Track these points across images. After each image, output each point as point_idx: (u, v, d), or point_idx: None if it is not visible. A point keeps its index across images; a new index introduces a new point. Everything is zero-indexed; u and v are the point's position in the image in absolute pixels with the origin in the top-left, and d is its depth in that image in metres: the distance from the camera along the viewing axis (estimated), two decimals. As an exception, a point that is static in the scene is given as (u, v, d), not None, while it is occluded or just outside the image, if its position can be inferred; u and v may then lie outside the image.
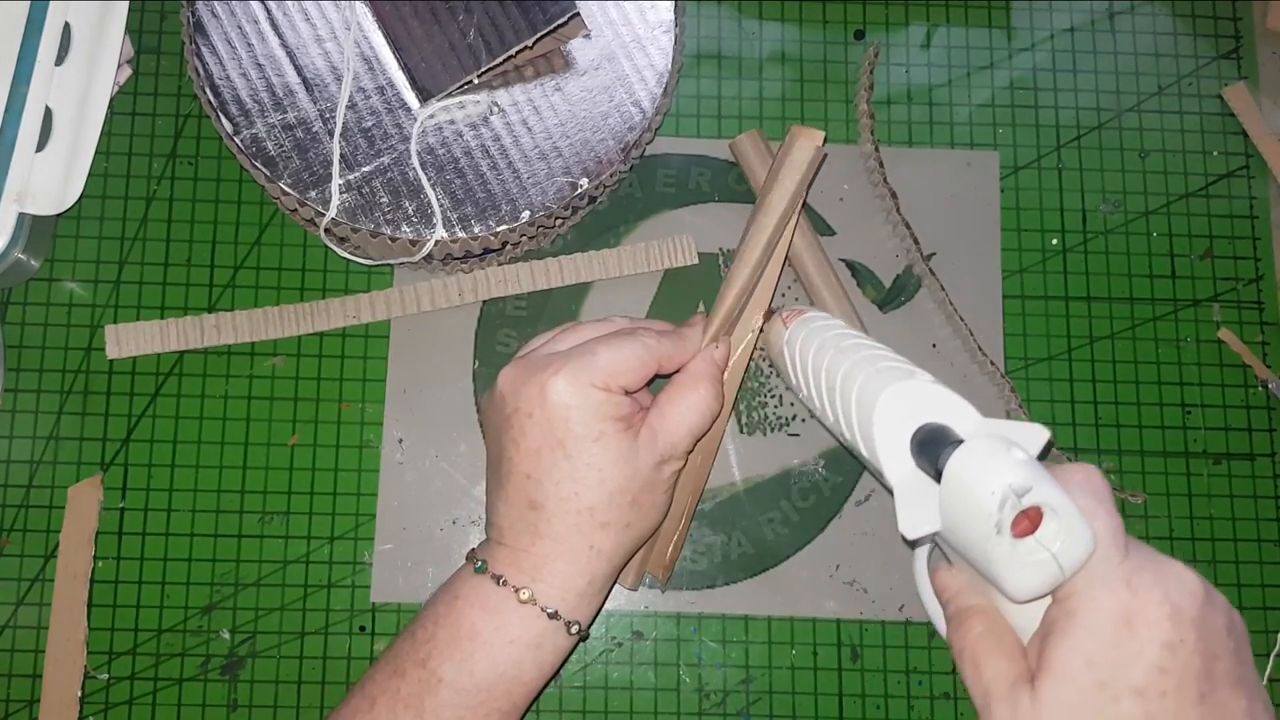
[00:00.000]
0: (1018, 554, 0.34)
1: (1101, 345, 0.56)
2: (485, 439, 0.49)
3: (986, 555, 0.34)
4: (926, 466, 0.37)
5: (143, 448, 0.53)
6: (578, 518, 0.43)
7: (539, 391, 0.43)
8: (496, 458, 0.45)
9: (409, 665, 0.42)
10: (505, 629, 0.42)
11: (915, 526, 0.36)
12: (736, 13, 0.59)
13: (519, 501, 0.43)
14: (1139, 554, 0.35)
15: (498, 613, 0.42)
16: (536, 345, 0.47)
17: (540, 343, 0.47)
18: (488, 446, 0.47)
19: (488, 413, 0.46)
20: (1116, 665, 0.33)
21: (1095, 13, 0.60)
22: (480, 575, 0.43)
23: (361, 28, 0.51)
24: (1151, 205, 0.58)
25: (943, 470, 0.36)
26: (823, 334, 0.44)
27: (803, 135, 0.48)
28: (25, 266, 0.54)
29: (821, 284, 0.54)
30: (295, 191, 0.49)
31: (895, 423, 0.38)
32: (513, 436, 0.43)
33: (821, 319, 0.46)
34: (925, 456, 0.37)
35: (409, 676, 0.42)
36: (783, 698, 0.52)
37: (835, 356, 0.42)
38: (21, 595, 0.52)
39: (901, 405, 0.38)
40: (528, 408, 0.43)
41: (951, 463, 0.35)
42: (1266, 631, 0.54)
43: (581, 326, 0.47)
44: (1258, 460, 0.56)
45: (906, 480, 0.38)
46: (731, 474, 0.54)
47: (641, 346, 0.44)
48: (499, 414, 0.44)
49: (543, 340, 0.47)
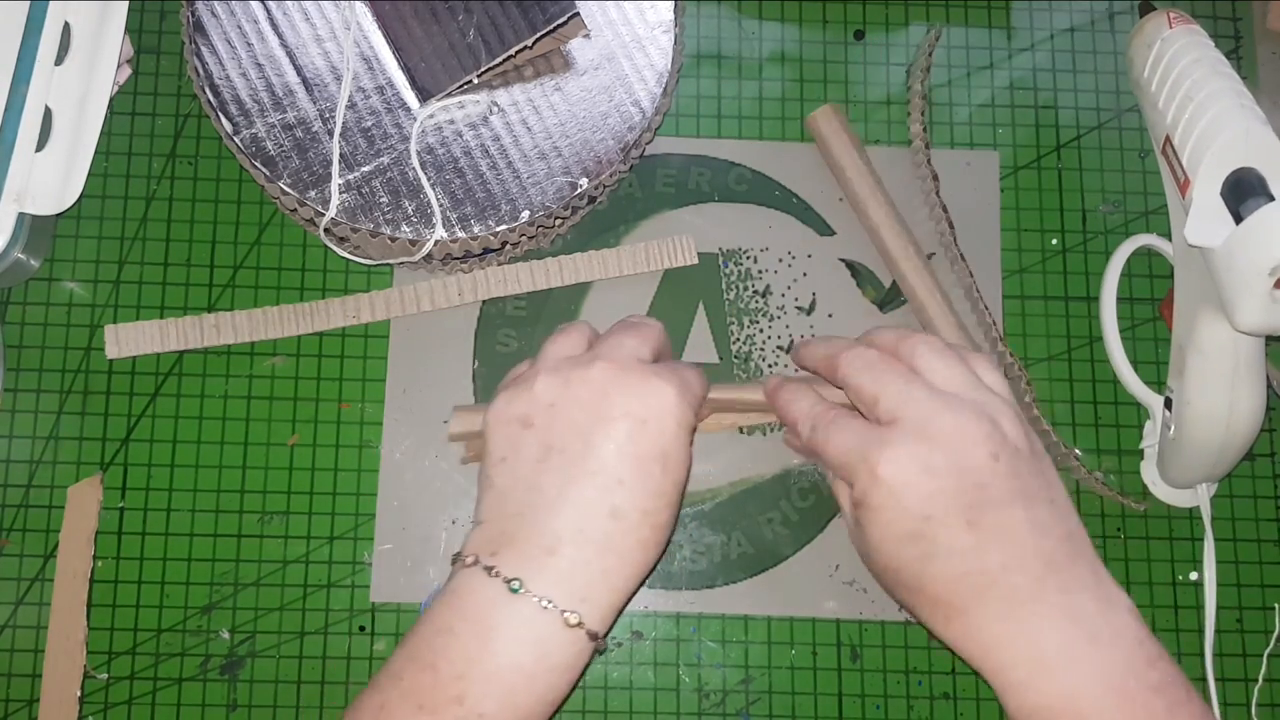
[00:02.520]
0: (1273, 302, 0.43)
1: (1101, 345, 0.56)
2: (522, 435, 0.42)
3: (1243, 288, 0.43)
4: (1230, 201, 0.45)
5: (142, 448, 0.53)
6: (652, 533, 0.41)
7: (659, 402, 0.41)
8: (573, 455, 0.41)
9: (441, 703, 0.39)
10: (549, 656, 0.39)
11: (1201, 236, 0.45)
12: (736, 13, 0.59)
13: (598, 508, 0.40)
14: (932, 409, 0.41)
15: (542, 642, 0.39)
16: (587, 340, 0.45)
17: (584, 337, 0.45)
18: (530, 443, 0.42)
19: (552, 405, 0.42)
20: (893, 520, 0.41)
21: (1095, 13, 0.60)
22: (519, 597, 0.39)
23: (361, 27, 0.51)
24: (1151, 205, 0.58)
25: (1244, 213, 0.44)
26: (1203, 50, 0.49)
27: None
28: (25, 266, 0.54)
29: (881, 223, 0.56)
30: (295, 191, 0.49)
31: (1228, 152, 0.45)
32: (615, 438, 0.41)
33: (1204, 36, 0.50)
34: (1234, 194, 0.45)
35: (443, 714, 0.39)
36: (783, 698, 0.52)
37: (1209, 73, 0.48)
38: (21, 595, 0.52)
39: (1242, 141, 0.45)
40: (643, 413, 0.41)
41: (1261, 211, 0.43)
42: (1266, 631, 0.54)
43: (641, 326, 0.45)
44: (1257, 460, 0.56)
45: (1206, 199, 0.45)
46: (731, 474, 0.54)
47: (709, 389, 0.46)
48: (590, 410, 0.41)
49: (585, 335, 0.45)
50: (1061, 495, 0.43)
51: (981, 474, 0.40)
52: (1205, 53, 0.50)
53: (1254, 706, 0.53)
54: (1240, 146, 0.45)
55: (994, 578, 0.40)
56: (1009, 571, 0.40)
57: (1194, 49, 0.50)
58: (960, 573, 0.40)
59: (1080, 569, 0.41)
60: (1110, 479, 0.55)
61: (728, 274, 0.56)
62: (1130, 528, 0.55)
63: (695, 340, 0.55)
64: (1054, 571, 0.40)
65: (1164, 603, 0.54)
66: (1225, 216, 0.45)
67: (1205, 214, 0.46)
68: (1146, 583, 0.54)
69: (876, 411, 0.42)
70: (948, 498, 0.40)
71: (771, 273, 0.56)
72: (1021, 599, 0.40)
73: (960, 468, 0.40)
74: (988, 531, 0.40)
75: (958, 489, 0.40)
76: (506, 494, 0.42)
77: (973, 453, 0.40)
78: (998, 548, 0.40)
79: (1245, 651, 0.54)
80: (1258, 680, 0.53)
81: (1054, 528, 0.41)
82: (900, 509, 0.41)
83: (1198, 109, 0.47)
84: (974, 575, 0.40)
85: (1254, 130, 0.46)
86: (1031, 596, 0.40)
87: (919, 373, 0.43)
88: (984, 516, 0.40)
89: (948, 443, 0.40)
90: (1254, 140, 0.45)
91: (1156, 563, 0.54)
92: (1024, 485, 0.41)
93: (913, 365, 0.43)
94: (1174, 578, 0.54)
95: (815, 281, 0.56)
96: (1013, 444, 0.41)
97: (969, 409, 0.41)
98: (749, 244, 0.56)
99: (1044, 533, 0.41)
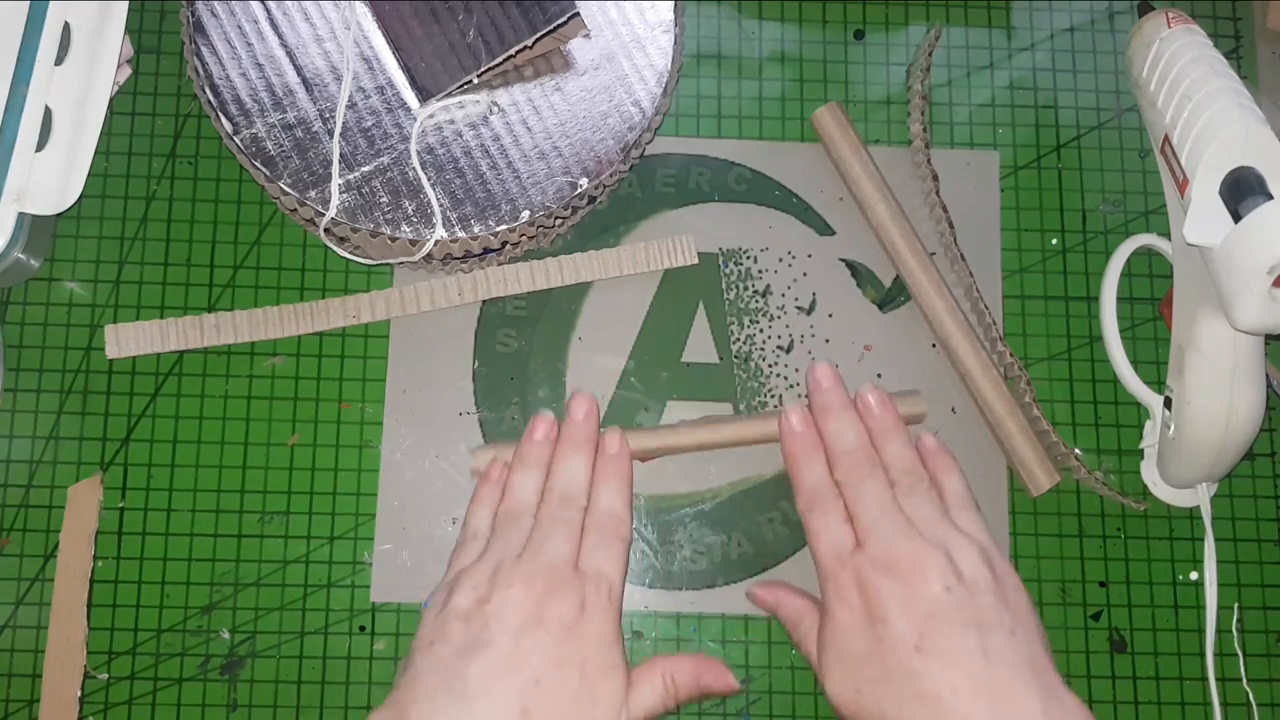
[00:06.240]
0: (1271, 301, 0.44)
1: (1101, 345, 0.56)
2: (454, 626, 0.44)
3: (1242, 287, 0.44)
4: (1228, 200, 0.45)
5: (142, 448, 0.53)
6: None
7: (590, 608, 0.44)
8: (499, 651, 0.43)
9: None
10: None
11: (1200, 235, 0.45)
12: (736, 13, 0.59)
13: (510, 706, 0.41)
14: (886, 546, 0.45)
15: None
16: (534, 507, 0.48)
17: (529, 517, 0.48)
18: (459, 634, 0.43)
19: (487, 602, 0.44)
20: (850, 639, 0.44)
21: (1095, 13, 0.60)
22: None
23: (361, 27, 0.51)
24: (1151, 205, 0.58)
25: (1242, 212, 0.44)
26: (1201, 49, 0.50)
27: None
28: (25, 266, 0.54)
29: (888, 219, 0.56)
30: (295, 191, 0.49)
31: (1226, 151, 0.46)
32: (540, 640, 0.43)
33: (1203, 36, 0.51)
34: (1233, 193, 0.45)
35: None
36: (783, 698, 0.52)
37: (1207, 72, 0.48)
38: (21, 595, 0.52)
39: (1240, 140, 0.46)
40: (570, 619, 0.43)
41: (1260, 210, 0.44)
42: (1266, 632, 0.54)
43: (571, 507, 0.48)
44: (1257, 460, 0.56)
45: (1205, 198, 0.46)
46: (731, 474, 0.54)
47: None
48: (523, 612, 0.43)
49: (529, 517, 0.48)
50: (1028, 628, 0.43)
51: (933, 604, 0.43)
52: (1204, 52, 0.50)
53: (1254, 706, 0.53)
54: (1238, 146, 0.46)
55: (944, 702, 0.41)
56: (958, 696, 0.41)
57: (1192, 48, 0.50)
58: (913, 694, 0.41)
59: (1032, 695, 0.41)
60: (1110, 479, 0.55)
61: (728, 274, 0.56)
62: (1130, 528, 0.55)
63: (695, 340, 0.55)
64: (1006, 698, 0.41)
65: (1164, 603, 0.54)
66: (1224, 215, 0.45)
67: (1204, 213, 0.46)
68: (1146, 583, 0.54)
69: (854, 519, 0.46)
70: (898, 622, 0.43)
71: (771, 273, 0.56)
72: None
73: (912, 595, 0.43)
74: (935, 656, 0.42)
75: (908, 614, 0.43)
76: (422, 678, 0.42)
77: (925, 584, 0.43)
78: (946, 671, 0.41)
79: (1245, 651, 0.54)
80: (1258, 680, 0.53)
81: (1010, 657, 0.42)
82: (857, 630, 0.44)
83: (1196, 108, 0.47)
84: (926, 698, 0.41)
85: (1252, 129, 0.46)
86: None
87: (896, 491, 0.47)
88: (932, 642, 0.42)
89: (902, 573, 0.43)
90: (1252, 139, 0.46)
91: (1156, 563, 0.54)
92: (979, 616, 0.43)
93: (893, 482, 0.47)
94: (1174, 578, 0.54)
95: (815, 281, 0.56)
96: (970, 579, 0.43)
97: (926, 543, 0.44)
98: (749, 244, 0.56)
99: (997, 661, 0.41)
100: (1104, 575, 0.54)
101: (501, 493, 0.49)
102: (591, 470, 0.49)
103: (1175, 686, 0.53)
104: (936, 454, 0.50)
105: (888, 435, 0.49)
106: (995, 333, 0.54)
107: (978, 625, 0.42)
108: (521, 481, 0.49)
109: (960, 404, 0.55)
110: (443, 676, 0.42)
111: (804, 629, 0.48)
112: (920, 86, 0.57)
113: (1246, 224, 0.44)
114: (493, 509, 0.49)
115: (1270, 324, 0.44)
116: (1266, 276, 0.43)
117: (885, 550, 0.44)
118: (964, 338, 0.54)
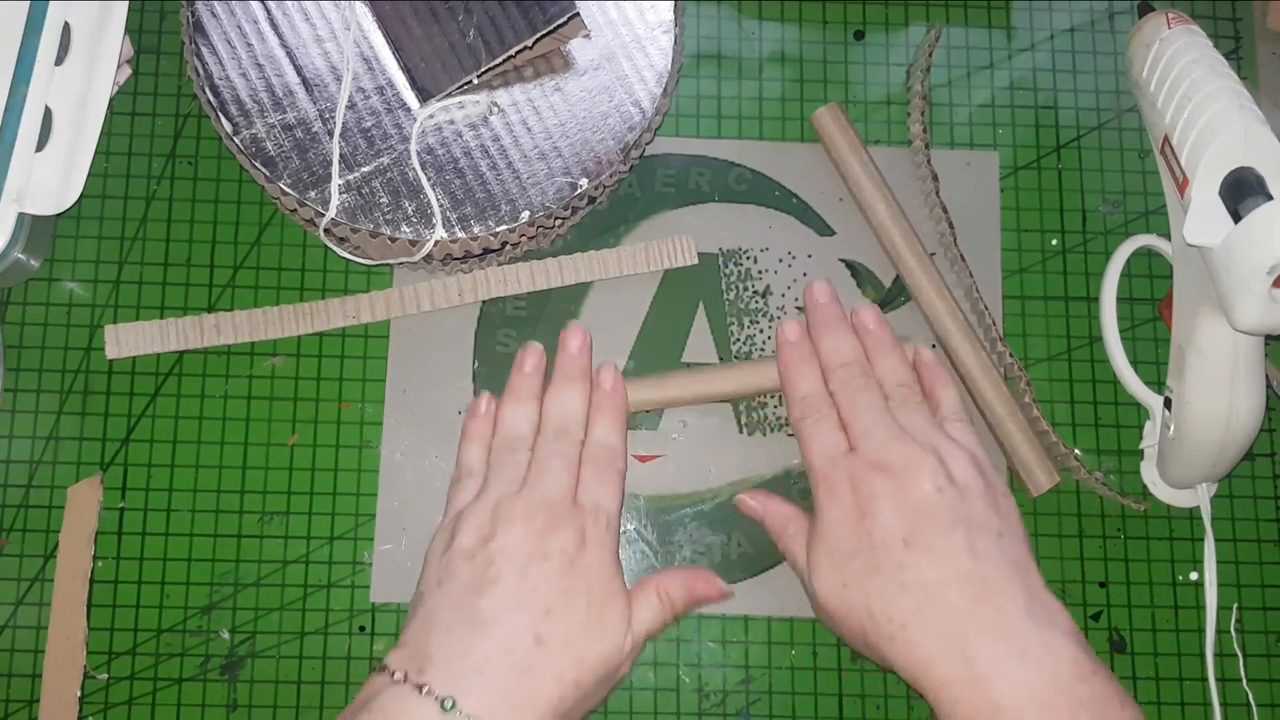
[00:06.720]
0: (1271, 301, 0.44)
1: (1101, 345, 0.56)
2: (460, 565, 0.45)
3: (1242, 287, 0.44)
4: (1228, 200, 0.45)
5: (142, 448, 0.53)
6: (571, 667, 0.43)
7: (592, 543, 0.45)
8: (507, 585, 0.43)
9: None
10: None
11: (1200, 235, 0.45)
12: (736, 13, 0.59)
13: (525, 634, 0.43)
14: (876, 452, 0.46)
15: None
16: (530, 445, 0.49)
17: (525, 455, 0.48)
18: (466, 571, 0.44)
19: (491, 540, 0.45)
20: (841, 536, 0.45)
21: (1095, 13, 0.60)
22: (450, 715, 0.41)
23: (361, 28, 0.51)
24: (1151, 205, 0.58)
25: (1242, 212, 0.44)
26: (1201, 50, 0.50)
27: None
28: (25, 266, 0.54)
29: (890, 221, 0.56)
30: (295, 191, 0.49)
31: (1226, 151, 0.46)
32: (547, 572, 0.44)
33: (1203, 36, 0.51)
34: (1232, 193, 0.45)
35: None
36: (783, 698, 0.52)
37: (1207, 73, 0.48)
38: (21, 595, 0.52)
39: (1240, 141, 0.46)
40: (573, 552, 0.44)
41: (1259, 210, 0.44)
42: (1266, 632, 0.54)
43: (565, 442, 0.48)
44: (1257, 460, 0.56)
45: (1205, 198, 0.46)
46: (732, 474, 0.54)
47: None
48: (527, 547, 0.44)
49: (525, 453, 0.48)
50: (1015, 534, 0.45)
51: (924, 502, 0.44)
52: (1204, 53, 0.50)
53: (1254, 706, 0.53)
54: (1238, 146, 0.46)
55: (930, 593, 0.42)
56: (944, 588, 0.42)
57: (1192, 49, 0.50)
58: (899, 585, 0.43)
59: (1016, 592, 0.42)
60: (1110, 479, 0.55)
61: (728, 274, 0.56)
62: (1130, 528, 0.55)
63: (695, 340, 0.55)
64: (990, 592, 0.42)
65: (1164, 603, 0.54)
66: (1224, 216, 0.45)
67: (1204, 213, 0.46)
68: (1146, 583, 0.54)
69: (847, 427, 0.47)
70: (889, 518, 0.44)
71: (771, 273, 0.56)
72: (956, 617, 0.42)
73: (903, 493, 0.44)
74: (924, 551, 0.43)
75: (899, 510, 0.44)
76: (436, 614, 0.43)
77: (917, 483, 0.44)
78: (933, 566, 0.43)
79: (1245, 652, 0.54)
80: (1258, 680, 0.53)
81: (996, 556, 0.43)
82: (848, 526, 0.45)
83: (1196, 109, 0.47)
84: (912, 589, 0.43)
85: (1252, 130, 0.46)
86: (965, 615, 0.42)
87: (889, 404, 0.48)
88: (921, 538, 0.43)
89: (895, 473, 0.44)
90: (1252, 140, 0.46)
91: (1156, 563, 0.54)
92: (969, 516, 0.44)
93: (888, 395, 0.48)
94: (1174, 578, 0.54)
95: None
96: (961, 481, 0.45)
97: (919, 445, 0.45)
98: (749, 244, 0.56)
99: (983, 558, 0.43)
100: (1104, 575, 0.54)
101: (493, 427, 0.50)
102: (586, 403, 0.49)
103: (1175, 687, 0.53)
104: (932, 367, 0.51)
105: (883, 350, 0.50)
106: (995, 333, 0.54)
107: (966, 525, 0.43)
108: (514, 414, 0.49)
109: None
110: (458, 610, 0.43)
111: (790, 532, 0.49)
112: (920, 87, 0.57)
113: (1246, 224, 0.44)
114: (485, 444, 0.49)
115: (1270, 324, 0.45)
116: (1266, 277, 0.43)
117: (879, 452, 0.45)
118: (964, 338, 0.54)
